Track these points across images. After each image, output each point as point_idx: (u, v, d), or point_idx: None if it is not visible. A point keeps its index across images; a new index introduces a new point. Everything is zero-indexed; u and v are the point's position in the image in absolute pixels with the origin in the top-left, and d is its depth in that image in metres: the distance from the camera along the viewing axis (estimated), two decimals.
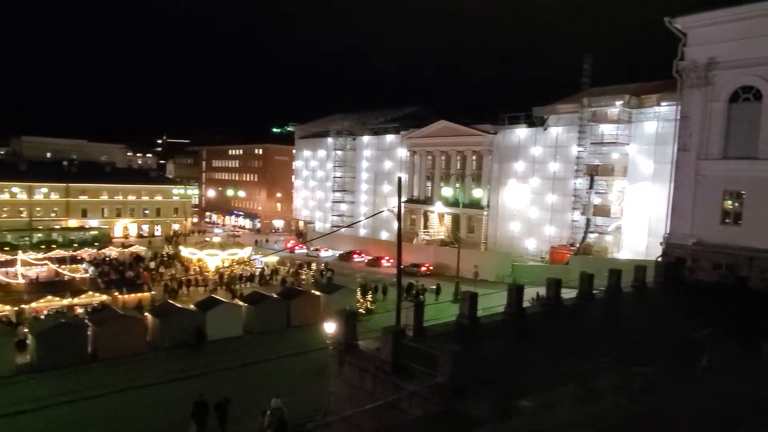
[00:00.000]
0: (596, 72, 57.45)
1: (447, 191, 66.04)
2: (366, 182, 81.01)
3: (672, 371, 12.26)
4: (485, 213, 63.75)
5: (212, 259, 52.58)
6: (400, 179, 26.05)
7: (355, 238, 75.74)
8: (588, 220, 52.94)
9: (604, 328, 18.46)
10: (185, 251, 56.26)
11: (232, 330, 34.28)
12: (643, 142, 50.18)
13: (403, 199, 24.82)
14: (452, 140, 66.72)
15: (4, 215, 79.09)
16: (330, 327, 22.34)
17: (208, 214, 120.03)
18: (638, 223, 50.27)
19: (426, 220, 70.67)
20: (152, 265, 56.51)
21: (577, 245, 53.23)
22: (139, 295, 39.00)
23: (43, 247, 62.25)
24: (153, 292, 41.24)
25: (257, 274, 52.57)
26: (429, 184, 71.53)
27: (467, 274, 50.57)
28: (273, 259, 57.43)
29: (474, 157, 65.53)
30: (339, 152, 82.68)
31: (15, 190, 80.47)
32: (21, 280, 43.89)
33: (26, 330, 30.93)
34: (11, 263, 46.16)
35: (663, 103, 46.79)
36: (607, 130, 51.56)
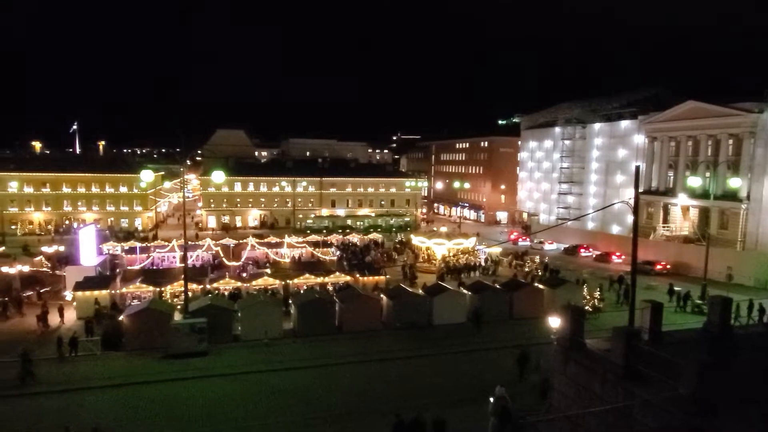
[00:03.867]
0: None
1: (694, 181, 57.89)
2: (596, 173, 75.82)
3: None
4: (744, 206, 54.24)
5: (439, 248, 55.41)
6: (637, 168, 23.89)
7: (583, 231, 71.69)
8: None
9: None
10: (415, 239, 60.34)
11: (456, 316, 35.85)
12: None
13: (640, 190, 22.72)
14: (702, 123, 58.20)
15: (275, 205, 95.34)
16: (555, 322, 21.91)
17: (435, 205, 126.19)
18: None
19: (666, 213, 63.21)
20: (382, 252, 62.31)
21: None
22: (376, 278, 43.26)
23: (371, 229, 75.69)
24: (387, 276, 45.34)
25: (480, 264, 53.82)
26: (671, 173, 63.70)
27: (717, 276, 44.05)
28: (496, 250, 58.02)
29: (730, 141, 56.19)
30: (567, 142, 79.01)
31: (283, 183, 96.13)
32: (287, 260, 52.79)
33: (290, 301, 37.03)
34: (280, 245, 55.73)
35: None
36: None
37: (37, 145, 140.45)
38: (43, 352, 29.45)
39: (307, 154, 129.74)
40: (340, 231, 73.50)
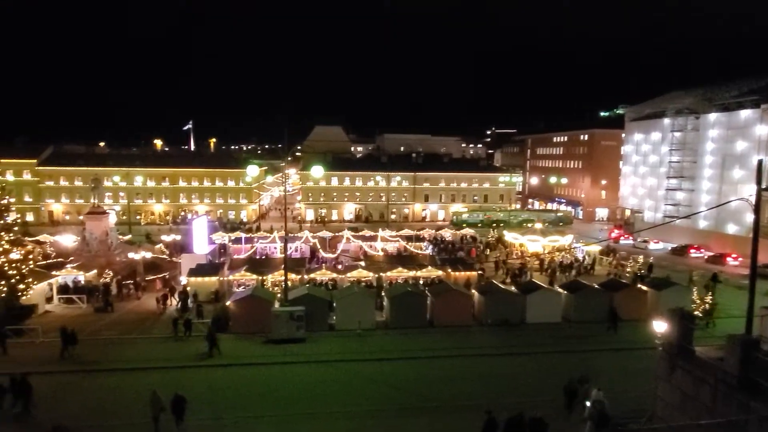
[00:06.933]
0: None
1: None
2: (710, 167, 69.73)
3: None
4: None
5: (533, 245, 53.92)
6: (760, 162, 21.75)
7: (693, 230, 66.62)
8: None
9: None
10: (508, 236, 59.13)
11: (550, 316, 34.83)
12: None
13: (763, 185, 20.65)
14: None
15: (370, 199, 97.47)
16: (660, 326, 20.67)
17: (530, 200, 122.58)
18: None
19: None
20: (480, 246, 61.64)
21: None
22: (468, 273, 42.96)
23: (523, 225, 77.71)
24: (480, 272, 44.86)
25: (577, 263, 51.64)
26: None
27: None
28: (595, 248, 55.38)
29: None
30: (677, 134, 73.38)
31: (378, 178, 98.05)
32: (380, 253, 53.90)
33: (383, 294, 37.83)
34: (374, 239, 57.04)
35: None
36: None
37: (158, 143, 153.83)
38: (161, 332, 32.57)
39: (401, 149, 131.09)
40: (494, 225, 78.26)
